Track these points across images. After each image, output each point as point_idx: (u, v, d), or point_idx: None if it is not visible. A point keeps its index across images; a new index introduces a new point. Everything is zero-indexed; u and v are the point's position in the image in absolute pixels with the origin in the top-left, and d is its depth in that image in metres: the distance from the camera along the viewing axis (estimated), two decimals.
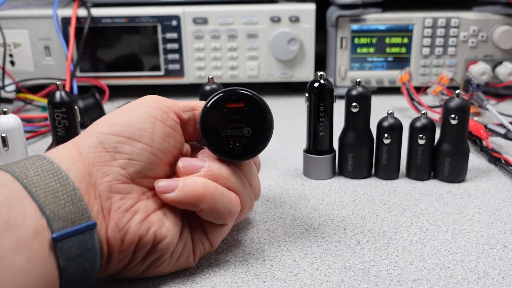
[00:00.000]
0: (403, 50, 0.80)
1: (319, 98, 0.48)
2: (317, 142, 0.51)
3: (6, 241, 0.27)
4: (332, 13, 0.78)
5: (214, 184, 0.34)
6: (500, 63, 0.79)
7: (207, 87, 0.50)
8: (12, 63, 0.79)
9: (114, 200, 0.32)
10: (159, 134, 0.34)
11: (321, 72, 0.48)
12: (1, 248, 0.26)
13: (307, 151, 0.52)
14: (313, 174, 0.52)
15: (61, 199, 0.30)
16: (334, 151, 0.52)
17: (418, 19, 0.78)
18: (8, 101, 0.75)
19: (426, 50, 0.79)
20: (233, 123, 0.35)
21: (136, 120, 0.34)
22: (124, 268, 0.34)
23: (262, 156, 0.50)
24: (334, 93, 0.49)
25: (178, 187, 0.33)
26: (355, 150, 0.51)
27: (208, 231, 0.36)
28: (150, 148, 0.33)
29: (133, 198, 0.33)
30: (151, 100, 0.36)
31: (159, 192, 0.34)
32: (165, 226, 0.34)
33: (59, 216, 0.29)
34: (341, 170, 0.53)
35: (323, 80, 0.48)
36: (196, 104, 0.37)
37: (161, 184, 0.34)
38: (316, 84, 0.48)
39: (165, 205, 0.35)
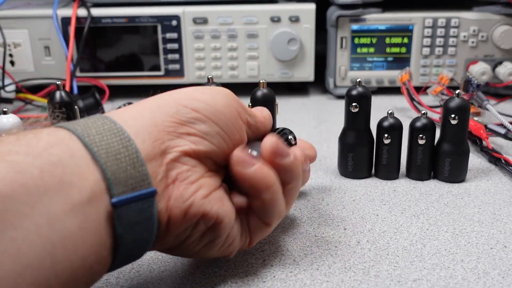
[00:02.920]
0: (403, 50, 0.80)
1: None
2: None
3: (58, 205, 0.25)
4: (332, 13, 0.78)
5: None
6: (500, 63, 0.79)
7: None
8: (12, 63, 0.79)
9: (181, 171, 0.31)
10: (235, 125, 0.34)
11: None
12: (51, 212, 0.25)
13: None
14: None
15: (122, 161, 0.28)
16: None
17: (418, 19, 0.78)
18: (8, 101, 0.75)
19: (426, 50, 0.79)
20: None
21: (219, 103, 0.33)
22: (180, 245, 0.33)
23: None
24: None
25: (256, 166, 0.33)
26: (355, 150, 0.51)
27: (252, 227, 0.35)
28: (224, 134, 0.33)
29: (199, 172, 0.32)
30: (230, 92, 0.36)
31: (236, 162, 0.33)
32: (225, 207, 0.33)
33: (120, 180, 0.28)
34: (341, 170, 0.53)
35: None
36: (255, 113, 0.39)
37: (240, 155, 0.33)
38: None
39: (224, 188, 0.34)
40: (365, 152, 0.51)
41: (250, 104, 0.50)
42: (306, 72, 0.81)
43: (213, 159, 0.33)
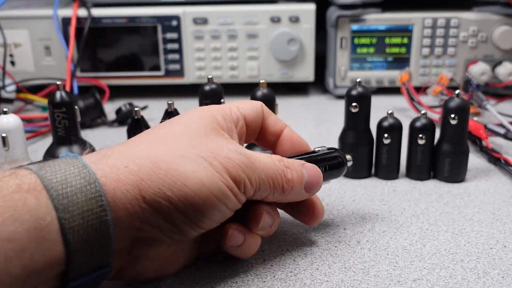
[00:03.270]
0: (403, 50, 0.80)
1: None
2: None
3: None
4: (332, 13, 0.78)
5: None
6: (499, 63, 0.79)
7: (207, 87, 0.50)
8: (13, 63, 0.79)
9: (143, 252, 0.31)
10: (217, 220, 0.33)
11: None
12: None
13: None
14: None
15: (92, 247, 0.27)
16: None
17: (418, 19, 0.78)
18: (9, 101, 0.75)
19: (425, 50, 0.79)
20: None
21: (208, 209, 0.31)
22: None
23: None
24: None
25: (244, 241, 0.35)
26: (355, 150, 0.51)
27: None
28: (197, 228, 0.32)
29: (159, 251, 0.32)
30: (234, 179, 0.32)
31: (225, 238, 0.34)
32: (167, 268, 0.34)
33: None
34: None
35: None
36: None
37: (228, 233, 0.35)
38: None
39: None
40: (365, 152, 0.51)
41: None
42: (306, 72, 0.81)
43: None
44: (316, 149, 0.41)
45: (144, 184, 0.29)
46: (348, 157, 0.42)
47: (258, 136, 0.39)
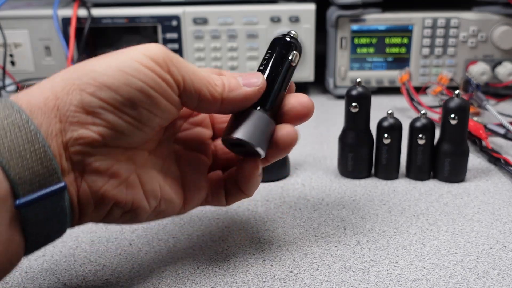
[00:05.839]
0: (403, 50, 0.80)
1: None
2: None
3: None
4: (332, 13, 0.78)
5: None
6: (499, 63, 0.79)
7: None
8: (13, 63, 0.79)
9: (87, 162, 0.29)
10: (153, 110, 0.30)
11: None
12: None
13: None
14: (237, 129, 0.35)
15: (28, 158, 0.26)
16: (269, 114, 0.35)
17: (418, 19, 0.78)
18: None
19: (425, 50, 0.79)
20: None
21: (128, 89, 0.29)
22: (101, 221, 0.32)
23: None
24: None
25: (260, 82, 0.33)
26: (355, 150, 0.51)
27: (229, 195, 0.37)
28: (137, 123, 0.30)
29: (109, 160, 0.30)
30: (155, 60, 0.30)
31: (243, 85, 0.32)
32: (142, 192, 0.32)
33: (25, 179, 0.26)
34: (341, 170, 0.53)
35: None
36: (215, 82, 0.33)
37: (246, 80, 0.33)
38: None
39: (146, 165, 0.33)
40: (365, 152, 0.51)
41: None
42: (306, 72, 0.81)
43: (128, 143, 0.31)
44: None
45: (57, 86, 0.29)
46: (293, 32, 0.36)
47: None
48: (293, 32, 0.37)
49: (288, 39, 0.36)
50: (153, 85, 0.29)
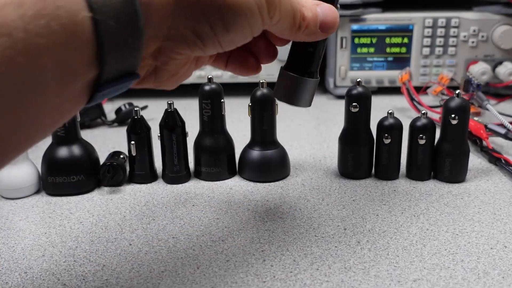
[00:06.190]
0: (403, 50, 0.80)
1: None
2: (304, 58, 0.41)
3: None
4: None
5: None
6: (500, 63, 0.79)
7: (207, 87, 0.50)
8: None
9: (162, 64, 0.32)
10: (248, 36, 0.33)
11: None
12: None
13: (287, 68, 0.41)
14: (287, 96, 0.41)
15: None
16: (318, 77, 0.41)
17: (418, 19, 0.78)
18: None
19: (426, 50, 0.79)
20: None
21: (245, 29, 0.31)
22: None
23: None
24: None
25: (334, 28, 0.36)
26: (355, 150, 0.51)
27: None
28: (228, 46, 0.32)
29: (180, 64, 0.34)
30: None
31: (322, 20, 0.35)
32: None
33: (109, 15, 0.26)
34: (341, 170, 0.53)
35: None
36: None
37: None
38: None
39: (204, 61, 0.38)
40: (365, 152, 0.51)
41: (250, 104, 0.50)
42: None
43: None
44: None
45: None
46: None
47: None
48: None
49: None
50: (252, 22, 0.31)
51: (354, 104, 0.49)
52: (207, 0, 0.29)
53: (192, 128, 0.55)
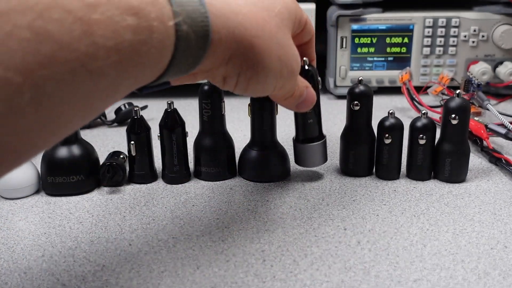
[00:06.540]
0: (404, 49, 0.80)
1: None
2: (306, 130, 0.50)
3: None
4: (332, 12, 0.78)
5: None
6: (500, 63, 0.79)
7: (207, 87, 0.50)
8: None
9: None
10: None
11: (304, 58, 0.46)
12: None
13: (297, 140, 0.51)
14: (305, 162, 0.51)
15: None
16: (324, 136, 0.50)
17: (418, 19, 0.78)
18: None
19: (426, 50, 0.79)
20: None
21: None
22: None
23: None
24: (319, 78, 0.48)
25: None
26: (357, 148, 0.51)
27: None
28: None
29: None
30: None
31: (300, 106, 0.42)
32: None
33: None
34: (343, 167, 0.53)
35: (307, 66, 0.46)
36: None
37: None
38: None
39: None
40: (366, 150, 0.51)
41: (249, 104, 0.50)
42: None
43: None
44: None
45: (240, 26, 0.33)
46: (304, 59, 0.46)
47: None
48: (304, 59, 0.45)
49: (306, 67, 0.46)
50: (279, 85, 0.38)
51: (355, 102, 0.49)
52: (252, 57, 0.34)
53: (192, 128, 0.55)
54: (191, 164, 0.54)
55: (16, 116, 0.21)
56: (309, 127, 0.49)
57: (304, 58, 0.46)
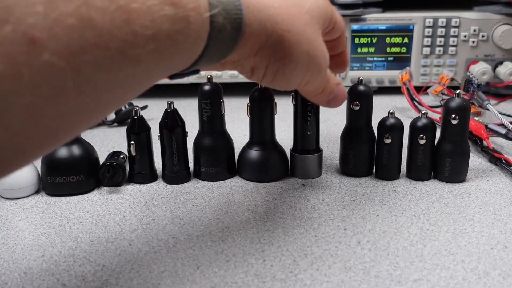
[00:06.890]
0: (404, 49, 0.80)
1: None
2: (305, 142, 0.51)
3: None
4: None
5: None
6: (500, 63, 0.79)
7: (206, 87, 0.50)
8: None
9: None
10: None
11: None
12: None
13: (294, 150, 0.52)
14: (300, 173, 0.52)
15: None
16: (320, 150, 0.52)
17: (418, 19, 0.78)
18: None
19: (426, 50, 0.79)
20: None
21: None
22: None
23: None
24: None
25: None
26: (356, 148, 0.51)
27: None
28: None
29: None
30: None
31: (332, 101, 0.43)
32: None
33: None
34: (343, 167, 0.53)
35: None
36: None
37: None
38: None
39: None
40: (366, 150, 0.51)
41: (248, 104, 0.50)
42: None
43: None
44: None
45: (271, 19, 0.33)
46: None
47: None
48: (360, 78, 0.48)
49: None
50: (306, 79, 0.38)
51: (355, 102, 0.49)
52: (281, 51, 0.34)
53: (192, 128, 0.55)
54: (191, 164, 0.54)
55: (59, 99, 0.21)
56: (307, 138, 0.51)
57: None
